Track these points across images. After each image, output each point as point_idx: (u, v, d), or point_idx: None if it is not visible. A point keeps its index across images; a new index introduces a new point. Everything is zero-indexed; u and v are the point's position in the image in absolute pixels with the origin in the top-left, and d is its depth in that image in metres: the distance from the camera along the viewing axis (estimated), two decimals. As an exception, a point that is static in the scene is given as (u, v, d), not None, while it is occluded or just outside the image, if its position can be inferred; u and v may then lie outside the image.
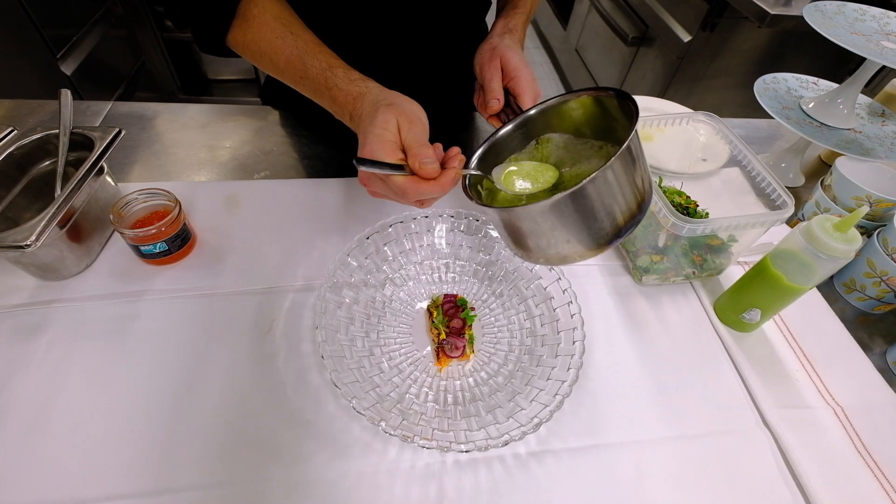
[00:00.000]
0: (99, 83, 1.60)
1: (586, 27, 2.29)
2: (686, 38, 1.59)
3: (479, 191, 0.43)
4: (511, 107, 0.50)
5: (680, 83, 1.69)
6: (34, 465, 0.41)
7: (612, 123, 0.41)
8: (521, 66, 0.51)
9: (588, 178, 0.32)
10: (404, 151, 0.40)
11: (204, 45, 0.54)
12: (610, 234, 0.36)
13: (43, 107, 0.75)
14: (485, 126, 0.84)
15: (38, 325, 0.49)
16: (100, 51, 1.55)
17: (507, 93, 0.50)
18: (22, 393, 0.45)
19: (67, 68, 1.47)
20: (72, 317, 0.50)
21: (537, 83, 0.51)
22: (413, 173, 0.38)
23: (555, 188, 0.43)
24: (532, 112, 0.45)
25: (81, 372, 0.47)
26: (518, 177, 0.43)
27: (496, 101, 0.50)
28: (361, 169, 0.37)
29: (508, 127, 0.45)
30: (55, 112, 0.68)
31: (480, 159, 0.44)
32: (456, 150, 0.41)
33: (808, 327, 0.58)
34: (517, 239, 0.40)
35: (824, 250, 0.45)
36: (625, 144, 0.33)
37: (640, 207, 0.36)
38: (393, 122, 0.40)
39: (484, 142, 0.45)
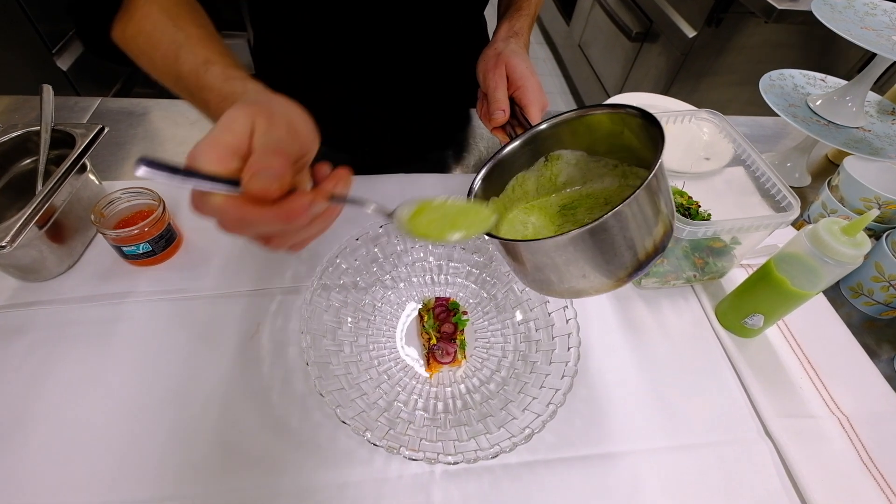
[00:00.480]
0: (96, 79, 1.58)
1: (590, 22, 2.26)
2: (691, 33, 1.56)
3: None
4: (517, 118, 0.47)
5: (684, 80, 1.67)
6: (8, 475, 0.40)
7: (631, 142, 0.37)
8: (528, 75, 0.48)
9: (611, 212, 0.28)
10: None
11: (89, 43, 0.47)
12: (630, 268, 0.32)
13: (29, 102, 0.74)
14: (481, 124, 0.81)
15: (18, 328, 0.48)
16: (96, 46, 1.54)
17: (513, 103, 0.48)
18: (-3, 399, 0.44)
19: (63, 63, 1.46)
20: (53, 319, 0.49)
21: (545, 93, 0.49)
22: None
23: (563, 212, 0.41)
24: (543, 127, 0.41)
25: (60, 378, 0.45)
26: (432, 219, 0.33)
27: (501, 113, 0.47)
28: (141, 173, 0.23)
29: (516, 143, 0.41)
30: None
31: (485, 178, 0.40)
32: (343, 172, 0.31)
33: (813, 333, 0.56)
34: (526, 271, 0.36)
35: (831, 255, 0.43)
36: (651, 173, 0.29)
37: (664, 239, 0.33)
38: (243, 120, 0.27)
39: (489, 160, 0.40)
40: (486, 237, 0.34)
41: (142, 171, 0.23)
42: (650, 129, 0.34)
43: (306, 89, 0.76)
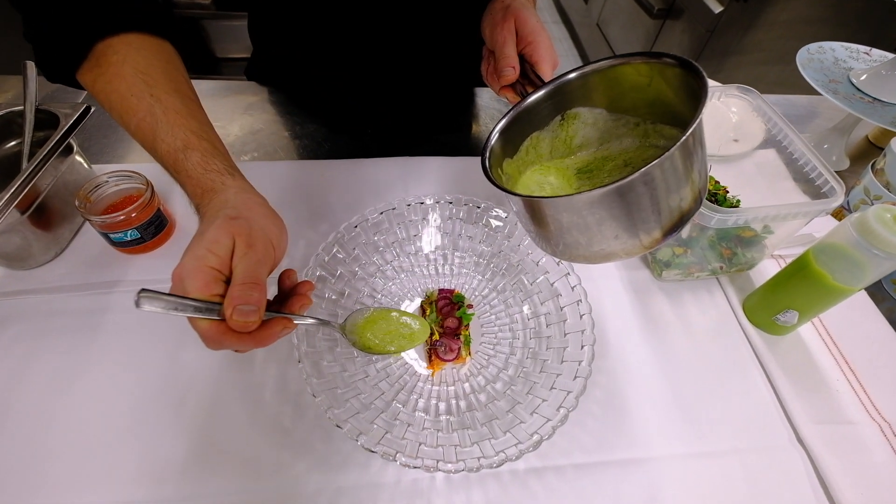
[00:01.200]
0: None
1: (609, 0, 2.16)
2: (717, 8, 1.47)
3: (499, 173, 0.37)
4: (527, 76, 0.43)
5: (708, 58, 1.58)
6: (-14, 473, 0.38)
7: (659, 95, 0.34)
8: (538, 29, 0.44)
9: (652, 163, 0.26)
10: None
11: (49, 73, 0.43)
12: (667, 227, 0.30)
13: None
14: (488, 104, 0.77)
15: (2, 318, 0.46)
16: (102, 28, 1.51)
17: (523, 60, 0.44)
18: (-23, 393, 0.42)
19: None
20: (38, 309, 0.47)
21: (555, 50, 0.44)
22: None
23: (580, 175, 0.38)
24: (565, 79, 0.37)
25: (45, 370, 0.43)
26: (374, 334, 0.39)
27: (511, 70, 0.43)
28: (140, 307, 0.27)
29: (538, 95, 0.38)
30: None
31: (503, 132, 0.37)
32: (307, 287, 0.34)
33: (852, 331, 0.52)
34: (549, 234, 0.33)
35: (882, 246, 0.38)
36: (693, 125, 0.26)
37: (698, 201, 0.31)
38: (226, 242, 0.30)
39: (507, 113, 0.38)
40: (509, 194, 0.31)
41: (143, 302, 0.27)
42: (689, 81, 0.30)
43: (306, 71, 0.73)
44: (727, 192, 0.58)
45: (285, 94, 0.74)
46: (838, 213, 0.63)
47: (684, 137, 0.26)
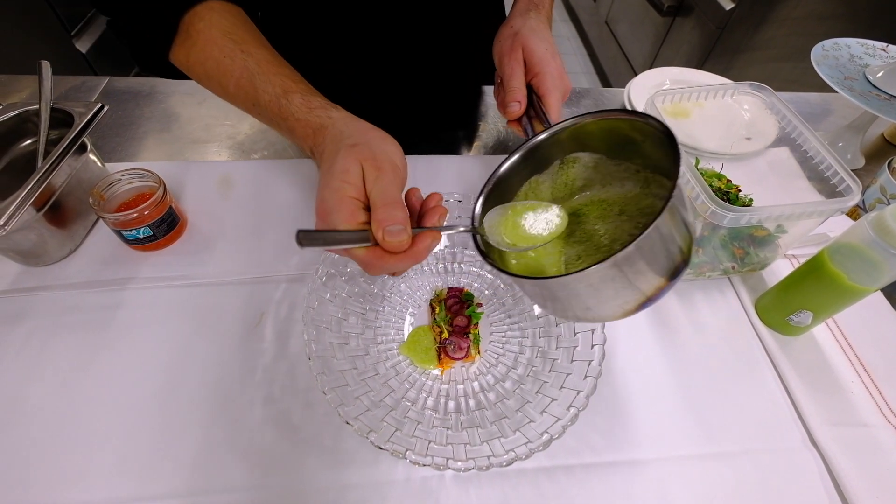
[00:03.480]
0: (115, 61, 1.58)
1: (618, -3, 2.14)
2: (728, 5, 1.45)
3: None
4: (535, 108, 0.42)
5: (719, 56, 1.56)
6: (6, 463, 0.39)
7: (652, 153, 0.34)
8: (547, 59, 0.43)
9: (633, 243, 0.25)
10: (369, 207, 0.31)
11: (144, 63, 0.45)
12: (639, 302, 0.30)
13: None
14: (500, 114, 0.77)
15: (18, 313, 0.47)
16: (114, 28, 1.53)
17: (531, 90, 0.43)
18: (-5, 387, 0.42)
19: (82, 46, 1.46)
20: (53, 305, 0.48)
21: (567, 77, 0.44)
22: (377, 243, 0.30)
23: (573, 217, 0.37)
24: (543, 136, 0.37)
25: (58, 366, 0.44)
26: (520, 222, 0.34)
27: (517, 105, 0.43)
28: (306, 247, 0.27)
29: (515, 157, 0.37)
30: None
31: (486, 199, 0.36)
32: (436, 199, 0.34)
33: (867, 332, 0.51)
34: (545, 302, 0.34)
35: (900, 246, 0.37)
36: (668, 201, 0.26)
37: (685, 262, 0.30)
38: (355, 169, 0.31)
39: (487, 182, 0.37)
40: (491, 267, 0.32)
41: (309, 246, 0.27)
42: (667, 145, 0.30)
43: (315, 67, 0.72)
44: (739, 190, 0.57)
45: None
46: (854, 213, 0.62)
47: (648, 230, 0.25)
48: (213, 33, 0.40)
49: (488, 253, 0.34)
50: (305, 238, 0.27)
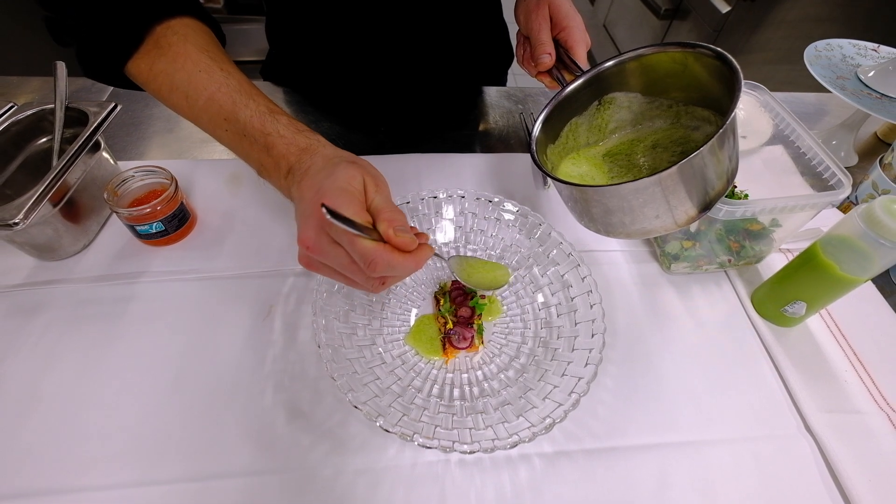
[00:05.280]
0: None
1: (615, 1, 2.17)
2: (724, 8, 1.47)
3: (544, 159, 0.40)
4: (562, 60, 0.45)
5: (716, 58, 1.58)
6: (22, 452, 0.40)
7: (694, 80, 0.37)
8: (572, 14, 0.46)
9: (692, 155, 0.30)
10: (371, 215, 0.33)
11: (89, 68, 0.43)
12: (701, 206, 0.34)
13: (49, 84, 0.74)
14: (496, 101, 0.78)
15: (35, 306, 0.48)
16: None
17: (557, 45, 0.46)
18: (13, 377, 0.44)
19: (87, 50, 1.47)
20: (68, 298, 0.49)
21: (587, 32, 0.47)
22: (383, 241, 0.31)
23: (608, 158, 0.42)
24: (603, 67, 0.40)
25: (74, 357, 0.45)
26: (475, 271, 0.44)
27: (548, 56, 0.45)
28: (332, 221, 0.28)
29: (577, 83, 0.41)
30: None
31: (545, 122, 0.40)
32: (424, 236, 0.35)
33: (860, 323, 0.52)
34: (594, 215, 0.37)
35: (888, 236, 0.39)
36: (728, 118, 0.30)
37: (729, 180, 0.35)
38: (359, 178, 0.33)
39: (548, 103, 0.41)
40: (559, 182, 0.35)
41: (335, 220, 0.28)
42: (722, 70, 0.34)
43: (322, 70, 0.74)
44: (735, 187, 0.59)
45: (301, 93, 0.76)
46: (846, 208, 0.64)
47: (721, 130, 0.29)
48: (187, 47, 0.40)
49: (544, 167, 0.37)
50: (332, 213, 0.28)
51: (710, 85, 0.36)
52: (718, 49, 0.34)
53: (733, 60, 0.33)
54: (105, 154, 0.55)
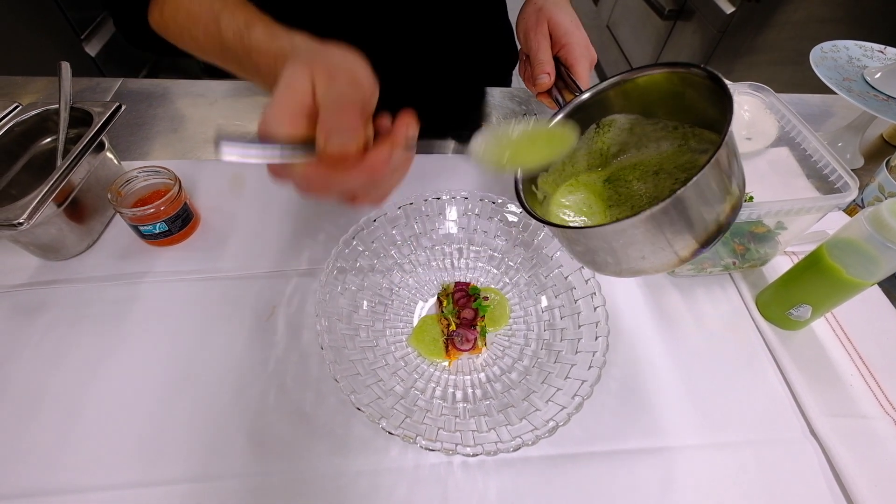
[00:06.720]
0: (123, 64, 1.60)
1: (619, 1, 2.16)
2: (729, 9, 1.47)
3: (532, 189, 0.37)
4: (563, 79, 0.43)
5: (720, 59, 1.58)
6: (25, 452, 0.40)
7: (694, 104, 0.34)
8: (572, 30, 0.44)
9: (676, 193, 0.26)
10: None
11: (128, 34, 0.43)
12: (691, 249, 0.30)
13: (54, 84, 0.74)
14: (500, 102, 0.78)
15: (38, 306, 0.48)
16: (123, 32, 1.55)
17: (558, 62, 0.44)
18: (16, 376, 0.44)
19: (92, 49, 1.48)
20: (71, 298, 0.49)
21: (592, 47, 0.45)
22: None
23: (608, 185, 0.38)
24: (588, 95, 0.38)
25: (78, 356, 0.45)
26: (511, 149, 0.33)
27: (546, 76, 0.43)
28: (225, 152, 0.24)
29: (560, 116, 0.38)
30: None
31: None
32: (409, 116, 0.30)
33: (866, 326, 0.52)
34: (578, 253, 0.35)
35: (895, 240, 0.39)
36: (719, 144, 0.26)
37: (731, 215, 0.30)
38: (303, 77, 0.27)
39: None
40: (540, 223, 0.32)
41: (225, 149, 0.24)
42: (715, 91, 0.30)
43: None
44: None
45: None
46: (853, 211, 0.64)
47: (695, 177, 0.25)
48: None
49: (529, 202, 0.33)
50: (226, 143, 0.23)
51: (709, 108, 0.33)
52: (708, 68, 0.31)
53: (721, 78, 0.30)
54: (109, 154, 0.55)
